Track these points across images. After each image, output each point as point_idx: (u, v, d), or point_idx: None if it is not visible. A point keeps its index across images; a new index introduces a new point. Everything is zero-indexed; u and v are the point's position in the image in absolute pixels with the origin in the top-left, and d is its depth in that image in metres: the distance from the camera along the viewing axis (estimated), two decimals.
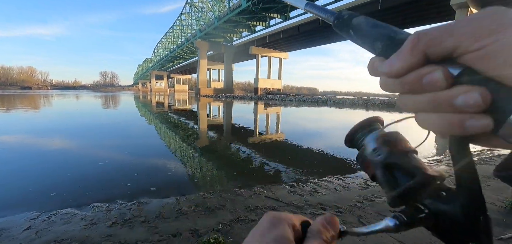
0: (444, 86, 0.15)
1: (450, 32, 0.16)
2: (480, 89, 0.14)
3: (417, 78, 0.17)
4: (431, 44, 0.16)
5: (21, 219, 1.68)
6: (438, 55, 0.16)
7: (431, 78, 0.16)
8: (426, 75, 0.16)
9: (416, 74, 0.17)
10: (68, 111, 10.84)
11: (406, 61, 0.17)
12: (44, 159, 3.27)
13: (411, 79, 0.17)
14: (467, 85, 0.15)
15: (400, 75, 0.17)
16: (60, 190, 2.21)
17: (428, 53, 0.16)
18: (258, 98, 28.31)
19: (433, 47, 0.16)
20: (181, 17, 48.15)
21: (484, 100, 0.14)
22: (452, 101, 0.15)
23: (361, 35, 0.22)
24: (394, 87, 0.18)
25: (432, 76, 0.16)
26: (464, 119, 0.15)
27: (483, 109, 0.14)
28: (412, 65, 0.17)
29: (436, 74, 0.16)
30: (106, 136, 5.10)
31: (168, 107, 14.00)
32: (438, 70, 0.16)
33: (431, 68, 0.16)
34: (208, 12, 37.99)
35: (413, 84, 0.17)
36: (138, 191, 2.20)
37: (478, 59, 0.15)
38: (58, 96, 28.31)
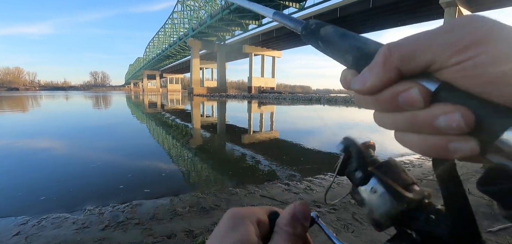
0: (422, 105, 0.14)
1: (424, 45, 0.14)
2: (462, 110, 0.13)
3: (392, 97, 0.15)
4: (404, 58, 0.15)
5: (10, 224, 1.64)
6: (413, 70, 0.15)
7: (407, 97, 0.14)
8: (401, 94, 0.15)
9: (391, 92, 0.15)
10: (58, 112, 10.59)
11: (378, 78, 0.15)
12: (33, 162, 3.19)
13: (385, 97, 0.16)
14: (447, 104, 0.13)
15: (373, 92, 0.16)
16: (50, 194, 2.16)
17: (401, 68, 0.15)
18: (252, 97, 28.30)
19: (406, 61, 0.15)
20: (173, 16, 47.60)
21: (466, 122, 0.13)
22: (432, 122, 0.14)
23: (329, 47, 0.20)
24: (368, 104, 0.17)
25: (408, 95, 0.14)
26: (447, 142, 0.14)
27: (465, 132, 0.13)
28: (385, 82, 0.15)
29: (412, 93, 0.14)
30: (97, 137, 5.00)
31: (161, 107, 13.85)
32: (414, 88, 0.14)
33: (407, 85, 0.15)
34: (200, 11, 37.67)
35: (388, 102, 0.16)
36: (131, 192, 2.17)
37: (456, 75, 0.13)
38: (47, 97, 27.60)
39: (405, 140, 0.16)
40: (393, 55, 0.15)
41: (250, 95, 31.07)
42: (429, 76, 0.14)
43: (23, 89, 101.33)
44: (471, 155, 0.13)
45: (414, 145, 0.15)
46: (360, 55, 0.18)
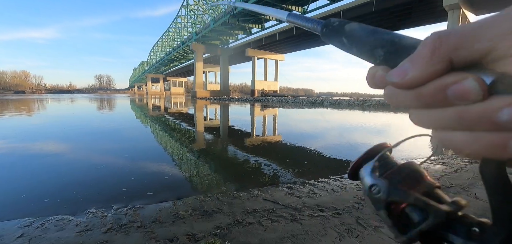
0: (479, 98, 0.13)
1: (481, 33, 0.13)
2: None
3: (439, 90, 0.14)
4: (458, 47, 0.13)
5: (14, 226, 1.65)
6: (466, 60, 0.13)
7: (460, 90, 0.13)
8: (452, 86, 0.13)
9: (438, 85, 0.14)
10: (62, 115, 10.71)
11: (424, 69, 0.14)
12: (37, 164, 3.22)
13: (430, 90, 0.14)
14: (511, 96, 0.12)
15: (415, 85, 0.14)
16: (54, 196, 2.17)
17: (454, 57, 0.13)
18: (254, 100, 28.33)
19: (459, 51, 0.13)
20: (177, 20, 48.08)
21: None
22: (492, 117, 0.12)
23: (356, 43, 0.19)
24: (405, 100, 0.15)
25: (461, 87, 0.13)
26: (507, 139, 0.12)
27: None
28: (431, 73, 0.14)
29: (467, 84, 0.13)
30: (101, 139, 5.04)
31: (164, 110, 13.93)
32: (470, 79, 0.13)
33: (459, 76, 0.13)
34: (204, 15, 37.99)
35: (433, 96, 0.14)
36: (134, 195, 2.17)
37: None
38: (52, 100, 27.97)
39: (450, 139, 0.14)
40: (444, 44, 0.13)
41: (253, 99, 31.10)
42: (481, 68, 0.13)
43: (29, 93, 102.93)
44: None
45: (462, 145, 0.14)
46: (394, 49, 0.16)
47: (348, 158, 3.61)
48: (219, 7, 33.16)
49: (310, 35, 31.90)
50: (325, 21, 0.23)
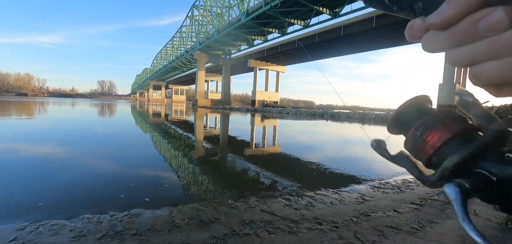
0: (506, 27, 0.13)
1: None
2: None
3: (472, 24, 0.14)
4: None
5: (7, 229, 1.63)
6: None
7: (490, 21, 0.14)
8: (482, 19, 0.14)
9: (470, 20, 0.14)
10: (62, 118, 10.73)
11: (460, 6, 0.15)
12: (35, 167, 3.20)
13: (464, 26, 0.15)
14: None
15: (451, 23, 0.15)
16: (49, 200, 2.15)
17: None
18: (255, 111, 28.40)
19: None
20: (182, 30, 48.87)
21: None
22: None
23: (397, 0, 0.19)
24: (442, 41, 0.16)
25: (491, 18, 0.14)
26: None
27: None
28: (466, 8, 0.14)
29: (497, 15, 0.13)
30: (100, 144, 5.03)
31: (165, 117, 13.95)
32: (498, 10, 0.13)
33: (488, 10, 0.14)
34: (208, 26, 38.64)
35: (466, 32, 0.15)
36: (132, 202, 2.15)
37: None
38: (53, 103, 28.08)
39: (482, 71, 0.15)
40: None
41: (253, 109, 31.19)
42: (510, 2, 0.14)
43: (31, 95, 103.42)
44: None
45: (495, 72, 0.14)
46: None
47: (348, 171, 3.59)
48: (224, 18, 33.77)
49: (312, 48, 32.34)
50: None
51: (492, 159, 0.16)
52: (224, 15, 33.63)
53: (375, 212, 2.04)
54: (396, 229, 1.72)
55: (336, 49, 32.87)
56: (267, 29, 30.09)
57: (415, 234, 1.66)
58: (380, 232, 1.70)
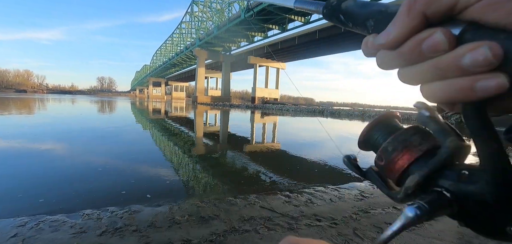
0: (446, 48, 0.14)
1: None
2: (489, 44, 0.13)
3: (416, 44, 0.15)
4: (429, 2, 0.14)
5: (7, 225, 1.63)
6: (439, 14, 0.14)
7: (431, 42, 0.14)
8: (425, 40, 0.14)
9: (415, 41, 0.15)
10: (62, 115, 10.72)
11: (403, 27, 0.15)
12: (35, 164, 3.21)
13: (409, 47, 0.15)
14: (474, 42, 0.13)
15: (397, 44, 0.16)
16: (50, 196, 2.16)
17: (427, 13, 0.15)
18: (255, 107, 28.38)
19: (431, 5, 0.14)
20: (181, 26, 48.62)
21: (494, 55, 0.12)
22: (458, 62, 0.13)
23: (351, 18, 0.21)
24: (392, 61, 0.17)
25: (432, 40, 0.14)
26: (474, 81, 0.13)
27: (494, 66, 0.13)
28: (410, 30, 0.15)
29: (436, 36, 0.14)
30: (101, 141, 5.04)
31: (165, 114, 13.95)
32: (438, 32, 0.14)
33: (430, 31, 0.14)
34: (208, 22, 38.44)
35: (412, 52, 0.15)
36: (133, 198, 2.16)
37: (483, 11, 0.13)
38: (52, 100, 28.03)
39: (431, 91, 0.16)
40: (417, 1, 0.15)
41: (253, 106, 31.17)
42: (453, 21, 0.14)
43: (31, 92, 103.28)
44: (499, 91, 0.13)
45: (440, 93, 0.15)
46: (382, 17, 0.18)
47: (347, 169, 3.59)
48: (223, 15, 33.59)
49: (310, 46, 32.26)
50: (326, 2, 0.24)
51: (451, 177, 0.16)
52: (224, 11, 33.45)
53: (374, 209, 2.05)
54: None
55: (337, 46, 32.78)
56: (268, 25, 29.96)
57: (414, 231, 1.67)
58: (379, 229, 1.70)
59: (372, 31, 0.19)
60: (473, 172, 0.15)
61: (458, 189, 0.15)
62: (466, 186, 0.15)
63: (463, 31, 0.14)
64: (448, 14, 0.14)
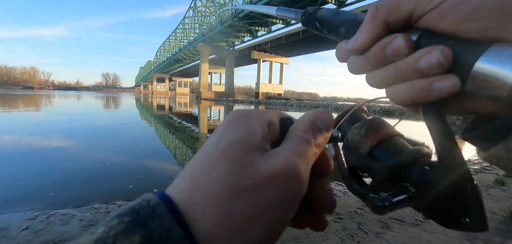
0: (406, 53, 0.15)
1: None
2: (441, 48, 0.14)
3: (381, 49, 0.16)
4: (390, 11, 0.16)
5: (20, 218, 1.68)
6: (399, 22, 0.16)
7: (393, 47, 0.16)
8: (388, 45, 0.16)
9: (379, 46, 0.16)
10: (69, 111, 10.87)
11: (368, 34, 0.17)
12: (45, 159, 3.28)
13: (374, 52, 0.17)
14: (429, 47, 0.15)
15: (364, 49, 0.17)
16: (61, 191, 2.21)
17: (389, 21, 0.16)
18: (259, 103, 28.36)
19: (392, 13, 0.16)
20: (184, 21, 48.55)
21: (445, 58, 0.14)
22: (415, 65, 0.15)
23: (326, 25, 0.22)
24: (360, 65, 0.18)
25: (394, 44, 0.16)
26: (431, 83, 0.15)
27: (446, 68, 0.14)
28: (374, 36, 0.16)
29: (397, 41, 0.15)
30: (108, 137, 5.10)
31: (169, 110, 14.03)
32: (398, 37, 0.16)
33: (392, 36, 0.16)
34: (211, 17, 38.30)
35: (377, 57, 0.17)
36: (140, 192, 2.19)
37: (435, 19, 0.15)
38: (58, 96, 28.42)
39: (395, 93, 0.17)
40: (380, 9, 0.16)
41: (257, 101, 31.15)
42: (412, 29, 0.16)
43: (37, 89, 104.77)
44: (453, 90, 0.14)
45: (402, 94, 0.16)
46: (351, 25, 0.19)
47: None
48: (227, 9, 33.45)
49: (315, 40, 31.95)
50: (304, 10, 0.26)
51: (414, 172, 0.17)
52: (227, 5, 33.26)
53: None
54: (400, 221, 1.73)
55: None
56: (271, 20, 29.77)
57: (419, 226, 1.67)
58: (384, 223, 1.71)
59: (344, 37, 0.20)
60: (433, 167, 0.16)
61: (420, 182, 0.16)
62: (426, 180, 0.16)
63: (420, 37, 0.15)
64: (407, 22, 0.16)
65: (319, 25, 0.23)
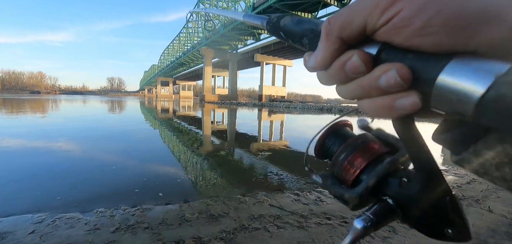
0: (364, 70, 0.15)
1: (356, 10, 0.14)
2: (397, 66, 0.13)
3: (340, 67, 0.16)
4: (342, 27, 0.15)
5: (26, 222, 1.70)
6: (353, 37, 0.15)
7: (351, 65, 0.15)
8: (346, 63, 0.15)
9: (338, 63, 0.16)
10: (76, 115, 11.01)
11: (325, 51, 0.16)
12: (53, 162, 3.31)
13: (335, 69, 0.16)
14: (387, 64, 0.14)
15: (325, 66, 0.16)
16: (67, 194, 2.23)
17: (343, 37, 0.15)
18: (262, 105, 28.35)
19: (344, 30, 0.15)
20: (188, 25, 49.00)
21: (402, 77, 0.13)
22: (376, 84, 0.14)
23: (289, 35, 0.21)
24: (327, 80, 0.17)
25: (351, 63, 0.15)
26: (393, 100, 0.14)
27: (405, 87, 0.13)
28: (332, 53, 0.16)
29: (354, 59, 0.15)
30: (114, 141, 5.15)
31: (173, 113, 14.12)
32: (355, 55, 0.15)
33: (350, 53, 0.15)
34: (214, 20, 38.56)
35: (339, 74, 0.16)
36: (146, 196, 2.20)
37: (389, 35, 0.14)
38: (65, 101, 28.84)
39: (363, 107, 0.16)
40: (332, 26, 0.15)
41: (260, 104, 31.14)
42: (371, 42, 0.15)
43: (44, 93, 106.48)
44: (415, 109, 0.13)
45: (368, 110, 0.16)
46: (313, 36, 0.18)
47: None
48: None
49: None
50: (268, 18, 0.25)
51: (394, 185, 0.17)
52: (230, 9, 33.47)
53: None
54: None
55: None
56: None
57: None
58: (391, 227, 1.68)
59: (308, 48, 0.19)
60: (410, 179, 0.16)
61: (400, 196, 0.16)
62: (406, 193, 0.16)
63: (379, 51, 0.14)
64: (363, 35, 0.15)
65: (283, 35, 0.22)
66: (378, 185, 0.17)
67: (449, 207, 0.15)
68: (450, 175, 3.18)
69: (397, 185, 0.17)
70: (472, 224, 1.72)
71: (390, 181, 0.17)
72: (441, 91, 0.12)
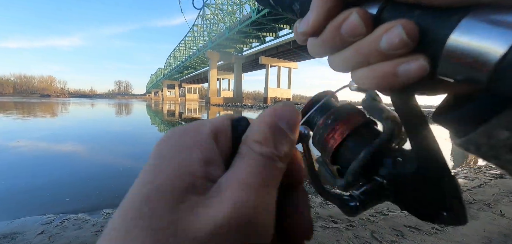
0: (364, 32, 0.13)
1: None
2: (402, 22, 0.11)
3: (335, 30, 0.14)
4: None
5: (35, 223, 1.73)
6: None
7: (348, 26, 0.13)
8: (342, 24, 0.13)
9: (333, 26, 0.14)
10: (86, 118, 11.21)
11: (319, 12, 0.14)
12: (62, 165, 3.38)
13: (329, 33, 0.14)
14: (390, 21, 0.12)
15: (318, 30, 0.14)
16: (75, 196, 2.26)
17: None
18: (267, 108, 28.25)
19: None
20: (193, 29, 49.54)
21: (409, 35, 0.11)
22: (377, 46, 0.12)
23: (279, 1, 0.19)
24: (319, 49, 0.15)
25: (349, 23, 0.13)
26: (395, 66, 0.12)
27: (412, 47, 0.12)
28: (326, 14, 0.14)
29: (352, 18, 0.13)
30: (120, 142, 5.21)
31: (179, 116, 14.24)
32: (353, 13, 0.13)
33: (347, 13, 0.13)
34: (220, 24, 38.89)
35: (333, 38, 0.14)
36: None
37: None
38: (74, 104, 29.42)
39: (359, 78, 0.14)
40: None
41: (265, 106, 31.12)
42: (370, 1, 0.13)
43: (54, 97, 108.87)
44: (422, 74, 0.12)
45: (367, 80, 0.14)
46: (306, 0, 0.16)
47: None
48: (234, 16, 33.88)
49: None
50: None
51: (387, 164, 0.16)
52: (235, 12, 33.70)
53: (392, 211, 1.98)
54: (416, 229, 1.66)
55: None
56: (279, 25, 29.86)
57: (436, 234, 1.60)
58: (399, 232, 1.65)
59: (299, 15, 0.17)
60: (406, 158, 0.15)
61: (394, 176, 0.15)
62: (401, 173, 0.15)
63: (381, 9, 0.13)
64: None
65: (273, 2, 0.20)
66: (370, 164, 0.16)
67: (447, 188, 0.13)
68: (461, 178, 3.11)
69: (391, 165, 0.15)
70: (483, 229, 1.67)
71: (383, 161, 0.16)
72: (452, 53, 0.11)
